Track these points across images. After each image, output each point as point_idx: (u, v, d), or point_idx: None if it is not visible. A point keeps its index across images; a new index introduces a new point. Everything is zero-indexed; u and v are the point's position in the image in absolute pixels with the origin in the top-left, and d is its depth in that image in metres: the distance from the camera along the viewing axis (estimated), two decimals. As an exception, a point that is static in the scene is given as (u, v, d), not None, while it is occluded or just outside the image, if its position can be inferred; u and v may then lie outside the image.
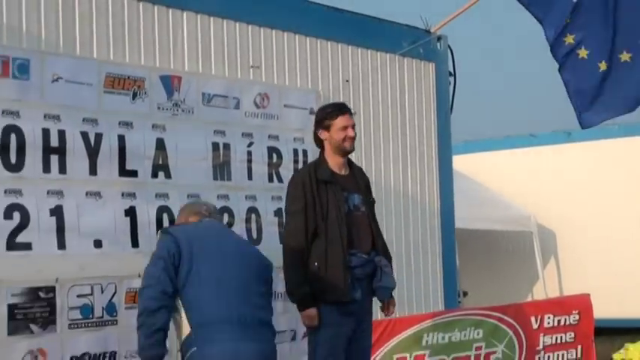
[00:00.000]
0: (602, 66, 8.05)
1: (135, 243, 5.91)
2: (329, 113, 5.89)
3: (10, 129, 5.39)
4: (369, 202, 6.02)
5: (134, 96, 6.04)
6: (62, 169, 5.60)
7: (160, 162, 6.10)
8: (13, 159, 5.39)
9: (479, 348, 7.46)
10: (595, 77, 8.09)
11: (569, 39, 8.07)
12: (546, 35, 8.08)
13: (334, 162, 5.86)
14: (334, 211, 5.73)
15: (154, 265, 4.59)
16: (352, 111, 6.02)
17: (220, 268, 4.69)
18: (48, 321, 5.43)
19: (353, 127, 5.88)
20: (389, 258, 5.99)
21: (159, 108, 6.17)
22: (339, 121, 5.83)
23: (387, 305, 5.99)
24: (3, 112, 5.38)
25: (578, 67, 8.10)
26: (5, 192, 5.34)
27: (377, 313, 6.14)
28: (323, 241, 5.69)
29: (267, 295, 4.92)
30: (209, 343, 4.52)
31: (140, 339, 4.53)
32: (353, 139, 5.86)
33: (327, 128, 5.85)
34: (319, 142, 5.93)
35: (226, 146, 6.55)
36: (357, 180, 5.98)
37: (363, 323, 5.85)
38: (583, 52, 8.07)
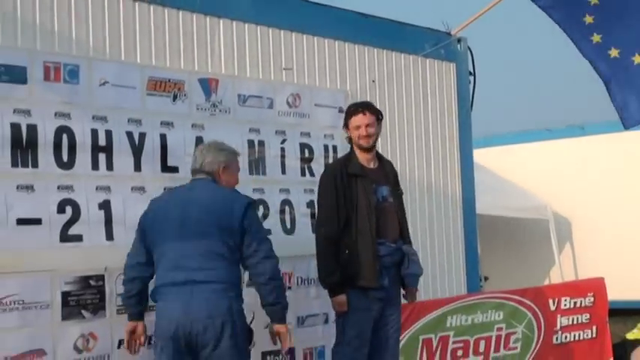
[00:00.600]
0: (637, 59, 7.76)
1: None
2: (347, 113, 5.94)
3: (62, 130, 5.42)
4: (397, 193, 5.99)
5: (174, 98, 6.03)
6: (109, 167, 5.61)
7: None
8: (65, 157, 5.42)
9: (500, 329, 7.40)
10: (632, 73, 7.79)
11: (597, 38, 7.86)
12: (571, 37, 7.85)
13: (362, 157, 5.84)
14: (364, 203, 5.70)
15: (136, 234, 5.16)
16: (374, 109, 5.96)
17: (172, 238, 4.96)
18: (98, 307, 5.45)
19: (367, 125, 5.82)
20: (412, 246, 5.96)
21: (198, 108, 6.16)
22: (354, 121, 5.84)
23: (411, 292, 5.96)
24: (55, 114, 5.40)
25: (613, 67, 7.82)
26: (58, 188, 5.37)
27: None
28: (353, 231, 5.67)
29: (228, 249, 5.00)
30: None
31: (122, 297, 5.28)
32: (368, 136, 5.82)
33: (347, 127, 5.87)
34: (349, 139, 5.92)
35: (261, 143, 6.53)
36: (386, 173, 5.95)
37: (391, 308, 5.83)
38: (614, 52, 7.85)
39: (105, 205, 5.53)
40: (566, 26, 7.86)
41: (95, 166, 5.55)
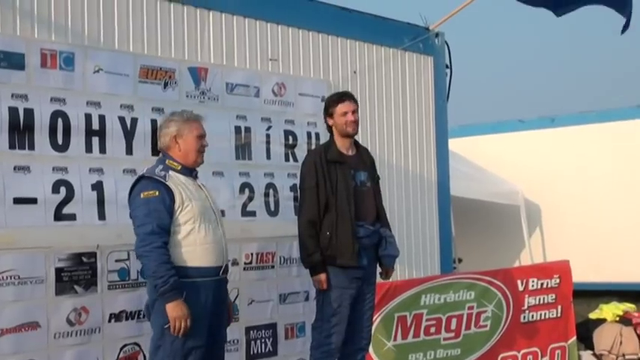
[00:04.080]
0: None
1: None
2: (332, 102, 5.88)
3: (57, 114, 5.40)
4: (374, 178, 5.99)
5: (165, 85, 6.01)
6: (102, 150, 5.60)
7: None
8: (59, 140, 5.41)
9: (471, 307, 7.42)
10: None
11: None
12: None
13: (341, 144, 5.84)
14: (343, 187, 5.71)
15: None
16: (354, 98, 5.97)
17: None
18: (90, 282, 5.45)
19: (353, 112, 5.84)
20: (389, 229, 5.97)
21: (187, 96, 6.15)
22: (340, 108, 5.81)
23: (386, 271, 5.98)
24: (51, 99, 5.39)
25: None
26: (53, 169, 5.36)
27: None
28: (333, 214, 5.67)
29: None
30: None
31: None
32: (354, 122, 5.83)
33: (332, 115, 5.85)
34: (329, 128, 5.92)
35: (247, 129, 6.52)
36: (364, 159, 5.95)
37: (368, 287, 5.85)
38: None
39: (98, 186, 5.52)
40: None
41: (89, 149, 5.54)
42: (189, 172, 4.89)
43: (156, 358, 4.69)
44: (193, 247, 4.70)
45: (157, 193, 4.66)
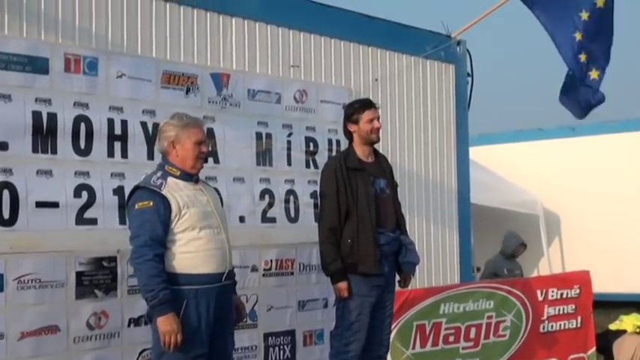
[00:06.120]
0: (593, 74, 7.85)
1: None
2: (357, 109, 5.84)
3: (80, 118, 5.40)
4: (393, 186, 5.96)
5: (187, 91, 6.01)
6: (124, 154, 5.60)
7: (210, 149, 6.04)
8: (82, 145, 5.41)
9: (490, 317, 7.38)
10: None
11: (583, 57, 7.79)
12: (562, 53, 7.79)
13: (361, 151, 5.81)
14: (363, 194, 5.68)
15: None
16: (377, 105, 5.96)
17: None
18: (110, 287, 5.44)
19: (378, 119, 5.83)
20: (408, 236, 5.94)
21: (209, 102, 6.14)
22: (366, 115, 5.78)
23: (405, 279, 5.94)
24: (74, 104, 5.39)
25: (589, 87, 7.90)
26: (75, 174, 5.36)
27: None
28: (354, 221, 5.64)
29: None
30: None
31: None
32: (379, 130, 5.82)
33: (356, 122, 5.81)
34: (348, 135, 5.89)
35: (268, 136, 6.50)
36: (382, 166, 5.93)
37: (388, 294, 5.81)
38: (594, 74, 7.82)
39: (119, 191, 5.51)
40: (560, 40, 7.80)
41: (111, 153, 5.54)
42: (190, 177, 4.75)
43: None
44: (194, 254, 4.58)
45: (151, 203, 4.54)
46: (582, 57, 7.78)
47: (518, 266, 10.77)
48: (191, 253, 4.58)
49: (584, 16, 7.71)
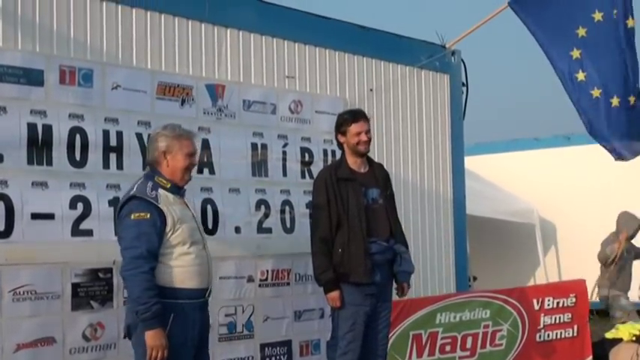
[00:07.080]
0: (615, 102, 7.56)
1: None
2: (345, 120, 5.86)
3: (75, 130, 5.41)
4: (387, 194, 5.96)
5: (183, 102, 6.02)
6: (120, 166, 5.61)
7: (205, 160, 6.07)
8: (77, 156, 5.41)
9: (486, 326, 7.38)
10: (611, 113, 7.59)
11: (581, 76, 7.59)
12: (557, 70, 7.65)
13: (353, 161, 5.83)
14: (354, 204, 5.69)
15: None
16: (368, 116, 5.95)
17: None
18: (106, 298, 5.45)
19: (367, 132, 5.81)
20: (405, 244, 5.94)
21: (204, 113, 6.15)
22: (353, 128, 5.79)
23: (402, 288, 5.94)
24: (70, 116, 5.40)
25: (594, 107, 7.58)
26: (71, 185, 5.36)
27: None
28: (345, 231, 5.66)
29: None
30: None
31: None
32: (367, 142, 5.81)
33: (344, 133, 5.83)
34: (339, 145, 5.90)
35: (264, 146, 6.51)
36: (376, 175, 5.93)
37: (383, 304, 5.81)
38: (596, 92, 7.69)
39: (115, 202, 5.47)
40: (555, 59, 7.68)
41: (106, 165, 5.55)
42: (178, 190, 4.74)
43: None
44: (183, 269, 4.58)
45: (149, 215, 4.52)
46: (580, 75, 7.63)
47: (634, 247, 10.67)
48: (180, 267, 4.59)
49: (582, 32, 7.59)
